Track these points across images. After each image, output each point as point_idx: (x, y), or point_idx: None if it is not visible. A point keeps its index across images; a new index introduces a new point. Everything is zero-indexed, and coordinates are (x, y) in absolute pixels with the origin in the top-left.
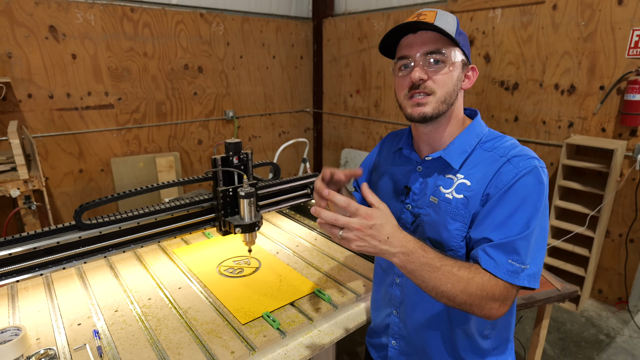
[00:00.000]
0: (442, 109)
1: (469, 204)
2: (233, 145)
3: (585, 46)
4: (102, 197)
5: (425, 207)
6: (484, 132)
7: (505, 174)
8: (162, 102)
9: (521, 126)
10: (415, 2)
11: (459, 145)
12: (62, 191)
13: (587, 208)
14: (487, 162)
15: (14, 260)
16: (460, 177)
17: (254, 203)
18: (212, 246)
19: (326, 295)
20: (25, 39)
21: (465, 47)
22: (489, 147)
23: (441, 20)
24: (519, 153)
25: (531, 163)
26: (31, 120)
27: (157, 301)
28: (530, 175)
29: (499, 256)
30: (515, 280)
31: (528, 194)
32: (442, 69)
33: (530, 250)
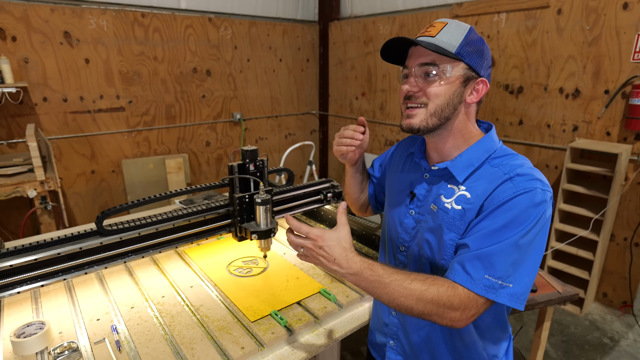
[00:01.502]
0: (432, 122)
1: (465, 216)
2: (250, 153)
3: (590, 50)
4: (122, 204)
5: (426, 214)
6: (495, 148)
7: (503, 191)
8: (171, 105)
9: (525, 129)
10: (421, 6)
11: (466, 158)
12: (74, 191)
13: (591, 211)
14: (490, 177)
15: (38, 266)
16: (462, 188)
17: (269, 210)
18: (222, 247)
19: (331, 295)
20: (41, 44)
21: (472, 59)
22: (497, 163)
23: (445, 33)
24: (523, 172)
25: (532, 184)
26: (46, 123)
27: (170, 299)
28: (527, 194)
29: (476, 271)
30: (493, 296)
31: (520, 213)
32: (434, 82)
33: (514, 268)
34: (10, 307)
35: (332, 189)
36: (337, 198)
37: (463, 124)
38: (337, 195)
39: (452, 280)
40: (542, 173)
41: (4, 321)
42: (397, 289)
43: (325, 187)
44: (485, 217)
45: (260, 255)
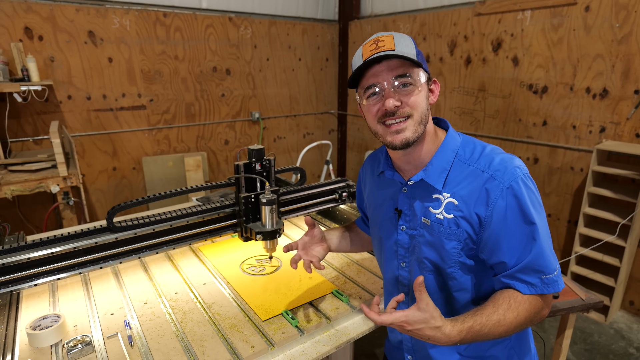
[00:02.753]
0: (420, 130)
1: (460, 223)
2: (256, 152)
3: (619, 49)
4: (132, 200)
5: (419, 229)
6: (458, 144)
7: (492, 191)
8: (191, 104)
9: (550, 130)
10: (442, 4)
11: (438, 164)
12: (96, 188)
13: (618, 216)
14: (470, 178)
15: (56, 259)
16: (446, 196)
17: (275, 210)
18: (237, 244)
19: (344, 296)
20: (66, 43)
21: (425, 64)
22: (467, 159)
23: (400, 44)
24: (499, 166)
25: (514, 174)
26: (70, 121)
27: (183, 296)
28: (517, 187)
29: (533, 279)
30: (556, 288)
31: (523, 207)
32: (413, 91)
33: (546, 256)
34: (28, 299)
35: (347, 188)
36: (352, 198)
37: (431, 127)
38: (352, 195)
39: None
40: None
41: (22, 313)
42: (497, 330)
43: (340, 186)
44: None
45: (273, 254)
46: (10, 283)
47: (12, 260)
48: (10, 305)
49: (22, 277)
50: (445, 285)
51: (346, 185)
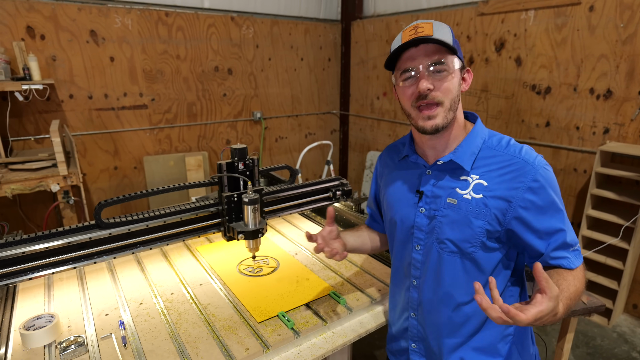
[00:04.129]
0: (450, 116)
1: (488, 204)
2: (238, 151)
3: (624, 49)
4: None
5: (442, 209)
6: (486, 134)
7: (526, 175)
8: (192, 103)
9: (553, 131)
10: (445, 4)
11: (467, 148)
12: (98, 187)
13: (622, 218)
14: (500, 163)
15: (50, 254)
16: (475, 177)
17: (258, 210)
18: (234, 245)
19: (341, 298)
20: (68, 42)
21: (460, 52)
22: (495, 146)
23: (438, 31)
24: (526, 155)
25: (540, 161)
26: (72, 120)
27: (179, 296)
28: (545, 173)
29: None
30: (581, 259)
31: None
32: (446, 77)
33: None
34: (24, 294)
35: (342, 186)
36: (346, 196)
37: (460, 114)
38: (346, 193)
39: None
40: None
41: (17, 309)
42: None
43: (335, 184)
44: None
45: (271, 255)
46: (6, 277)
47: (7, 255)
48: (6, 299)
49: (17, 270)
50: (464, 265)
51: (340, 184)
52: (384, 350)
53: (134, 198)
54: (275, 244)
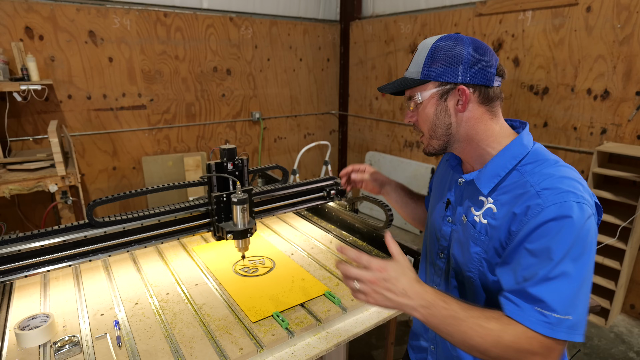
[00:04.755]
0: (436, 144)
1: (489, 232)
2: (227, 151)
3: (620, 50)
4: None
5: (458, 224)
6: (525, 153)
7: (532, 209)
8: (191, 104)
9: (550, 132)
10: (443, 5)
11: (492, 168)
12: (96, 187)
13: (619, 219)
14: (517, 189)
15: (46, 252)
16: (490, 201)
17: (247, 209)
18: (230, 245)
19: (336, 298)
20: (67, 43)
21: (441, 74)
22: (526, 170)
23: (413, 64)
24: (551, 185)
25: (564, 198)
26: (70, 120)
27: (174, 296)
28: (560, 213)
29: (523, 303)
30: (550, 332)
31: (555, 236)
32: (417, 110)
33: (566, 298)
34: (19, 296)
35: (335, 186)
36: (340, 195)
37: (472, 132)
38: (340, 193)
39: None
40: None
41: (13, 308)
42: (473, 327)
43: (329, 184)
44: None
45: (267, 255)
46: (1, 274)
47: (3, 252)
48: (2, 298)
49: (13, 268)
50: (462, 287)
51: (334, 183)
52: (381, 350)
53: (127, 197)
54: (271, 244)
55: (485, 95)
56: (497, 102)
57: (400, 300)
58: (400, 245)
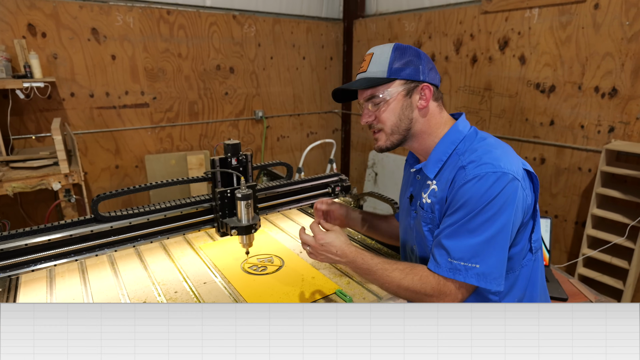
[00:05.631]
0: (395, 139)
1: (434, 208)
2: (231, 147)
3: (629, 47)
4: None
5: (415, 212)
6: (460, 138)
7: (457, 180)
8: (194, 102)
9: (557, 130)
10: (448, 2)
11: (435, 154)
12: (99, 185)
13: (627, 217)
14: (452, 168)
15: (52, 246)
16: (433, 183)
17: (251, 205)
18: (238, 243)
19: (347, 297)
20: (69, 40)
21: (405, 73)
22: (461, 151)
23: (374, 63)
24: (475, 158)
25: (482, 169)
26: (73, 118)
27: (183, 294)
28: (476, 180)
29: (440, 256)
30: (460, 277)
31: (470, 199)
32: (381, 107)
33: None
34: (25, 292)
35: (340, 182)
36: (345, 192)
37: (425, 126)
38: (345, 189)
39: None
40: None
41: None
42: (382, 276)
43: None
44: (447, 207)
45: (275, 253)
46: (9, 268)
47: (11, 246)
48: (9, 292)
49: (20, 262)
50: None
51: (339, 180)
52: None
53: (131, 192)
54: (279, 242)
55: (435, 94)
56: (441, 100)
57: (334, 258)
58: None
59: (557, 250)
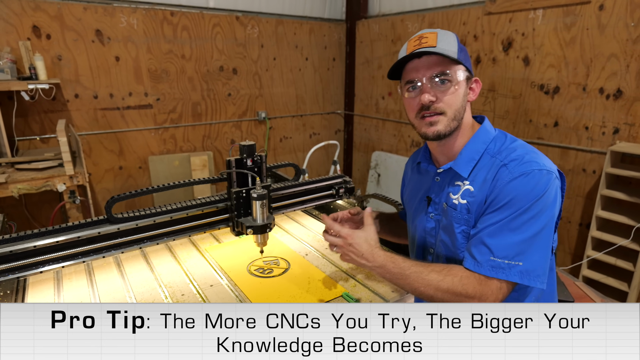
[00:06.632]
0: (453, 125)
1: (470, 209)
2: (247, 148)
3: (634, 48)
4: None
5: (441, 214)
6: (491, 137)
7: (500, 179)
8: (197, 103)
9: (561, 132)
10: (452, 4)
11: (467, 154)
12: (103, 187)
13: (633, 219)
14: (488, 167)
15: (61, 248)
16: (466, 183)
17: (266, 205)
18: (243, 246)
19: (354, 300)
20: (74, 42)
21: (467, 62)
22: (495, 152)
23: (443, 41)
24: (516, 157)
25: (527, 167)
26: (77, 119)
27: (190, 297)
28: (523, 177)
29: (481, 255)
30: (503, 275)
31: (517, 196)
32: (449, 89)
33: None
34: (33, 293)
35: (344, 184)
36: (349, 193)
37: (467, 121)
38: (349, 191)
39: (466, 268)
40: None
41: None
42: (417, 280)
43: (337, 182)
44: (488, 205)
45: (280, 255)
46: (17, 270)
47: (19, 248)
48: (17, 293)
49: (28, 264)
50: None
51: (343, 181)
52: None
53: (146, 193)
54: (285, 245)
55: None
56: None
57: (360, 262)
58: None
59: (561, 252)
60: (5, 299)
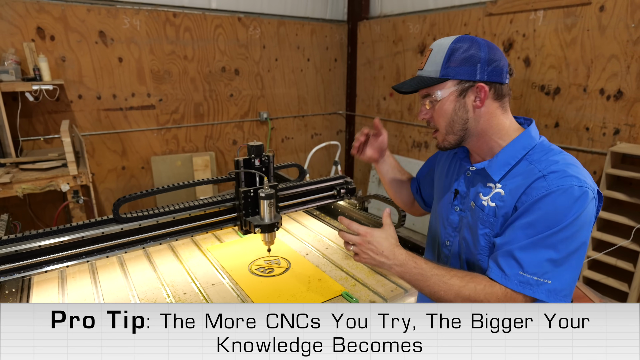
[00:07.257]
0: (452, 139)
1: (498, 213)
2: (255, 148)
3: (634, 49)
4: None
5: (467, 211)
6: (533, 144)
7: (536, 189)
8: (199, 104)
9: (562, 132)
10: (453, 5)
11: (503, 157)
12: (106, 187)
13: (633, 220)
14: (525, 174)
15: (65, 247)
16: (498, 186)
17: (273, 204)
18: (245, 245)
19: (354, 299)
20: (77, 43)
21: (460, 72)
22: (534, 159)
23: (429, 63)
24: (557, 169)
25: (568, 182)
26: (80, 120)
27: (192, 296)
28: (561, 193)
29: (510, 268)
30: (530, 291)
31: (553, 211)
32: (434, 107)
33: (551, 265)
34: (37, 293)
35: (346, 185)
36: (350, 194)
37: (486, 126)
38: (350, 191)
39: (490, 277)
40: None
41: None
42: (437, 283)
43: (339, 183)
44: (519, 215)
45: (281, 255)
46: (22, 269)
47: (24, 248)
48: (22, 292)
49: (33, 263)
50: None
51: (344, 182)
52: None
53: (154, 193)
54: (285, 244)
55: (498, 92)
56: (507, 99)
57: (380, 259)
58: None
59: None
60: (11, 298)
